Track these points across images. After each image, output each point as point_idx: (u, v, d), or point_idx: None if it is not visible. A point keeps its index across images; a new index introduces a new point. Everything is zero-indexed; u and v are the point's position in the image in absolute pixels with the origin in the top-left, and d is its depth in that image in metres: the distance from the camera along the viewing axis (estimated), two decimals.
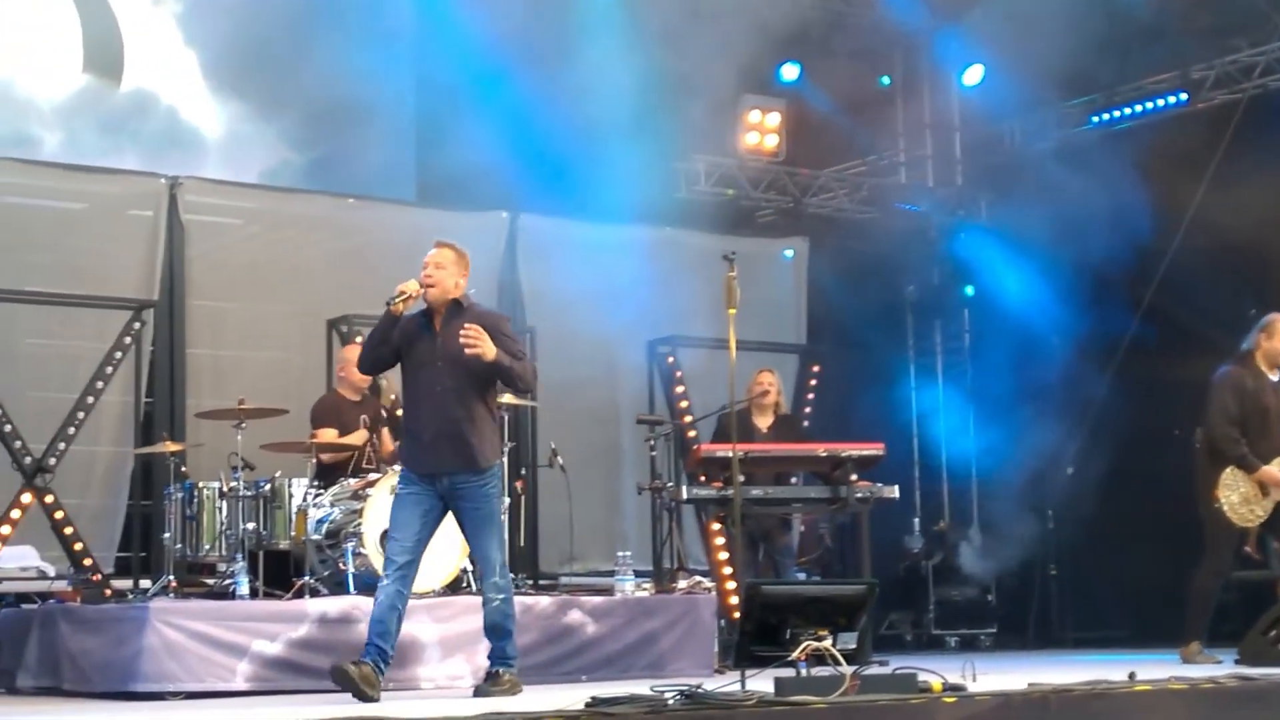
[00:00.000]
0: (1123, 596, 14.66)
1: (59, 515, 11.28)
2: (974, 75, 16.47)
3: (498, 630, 8.73)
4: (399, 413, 11.65)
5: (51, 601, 10.48)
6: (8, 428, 11.17)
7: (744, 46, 14.53)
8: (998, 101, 16.25)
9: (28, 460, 11.18)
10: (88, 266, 12.71)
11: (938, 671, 7.72)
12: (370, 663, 8.25)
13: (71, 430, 11.39)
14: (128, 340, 11.69)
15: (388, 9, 14.89)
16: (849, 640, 7.62)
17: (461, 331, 8.42)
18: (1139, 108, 15.65)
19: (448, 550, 10.35)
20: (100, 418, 12.10)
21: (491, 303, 14.26)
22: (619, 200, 13.83)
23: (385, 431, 11.51)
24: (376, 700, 8.07)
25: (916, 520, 16.52)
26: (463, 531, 8.85)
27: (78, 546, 11.25)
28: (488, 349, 8.42)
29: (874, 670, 7.70)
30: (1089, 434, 14.96)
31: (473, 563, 9.73)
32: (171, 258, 13.05)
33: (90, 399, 11.51)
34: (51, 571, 11.72)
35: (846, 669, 7.32)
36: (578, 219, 14.40)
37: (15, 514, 11.12)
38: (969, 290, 17.06)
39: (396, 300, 8.52)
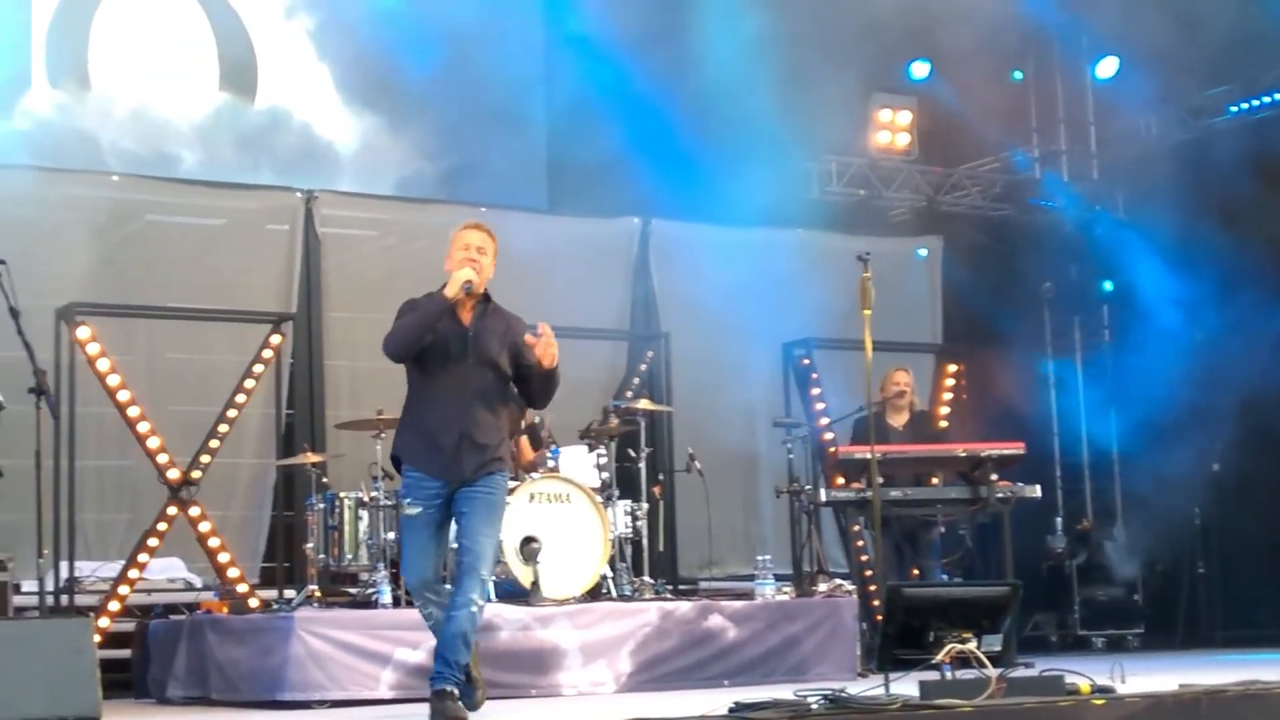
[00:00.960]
0: (1273, 594, 14.42)
1: (204, 527, 11.39)
2: (1107, 68, 16.26)
3: (465, 640, 7.76)
4: (536, 420, 11.69)
5: (199, 612, 10.60)
6: (153, 442, 11.30)
7: (873, 45, 14.45)
8: (1132, 93, 16.03)
9: (173, 473, 11.30)
10: (227, 281, 12.87)
11: (1085, 673, 7.63)
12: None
13: (214, 443, 11.49)
14: (267, 353, 11.78)
15: (517, 18, 14.94)
16: (994, 642, 7.56)
17: (542, 341, 7.85)
18: (1278, 95, 15.36)
19: (587, 557, 10.39)
20: (242, 430, 12.21)
21: (626, 309, 14.40)
22: (750, 203, 13.80)
23: (524, 441, 11.54)
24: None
25: (1059, 519, 16.31)
26: (458, 522, 7.93)
27: (223, 558, 11.36)
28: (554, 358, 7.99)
29: (1020, 672, 7.64)
30: (1235, 429, 14.70)
31: (457, 550, 8.00)
32: (308, 270, 13.19)
33: (232, 412, 11.61)
34: (198, 583, 11.90)
35: (992, 671, 7.26)
36: (709, 222, 14.39)
37: (162, 526, 11.24)
38: (1108, 285, 16.84)
39: (463, 289, 7.88)
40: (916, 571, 11.96)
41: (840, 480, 11.83)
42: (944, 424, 13.26)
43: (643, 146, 14.07)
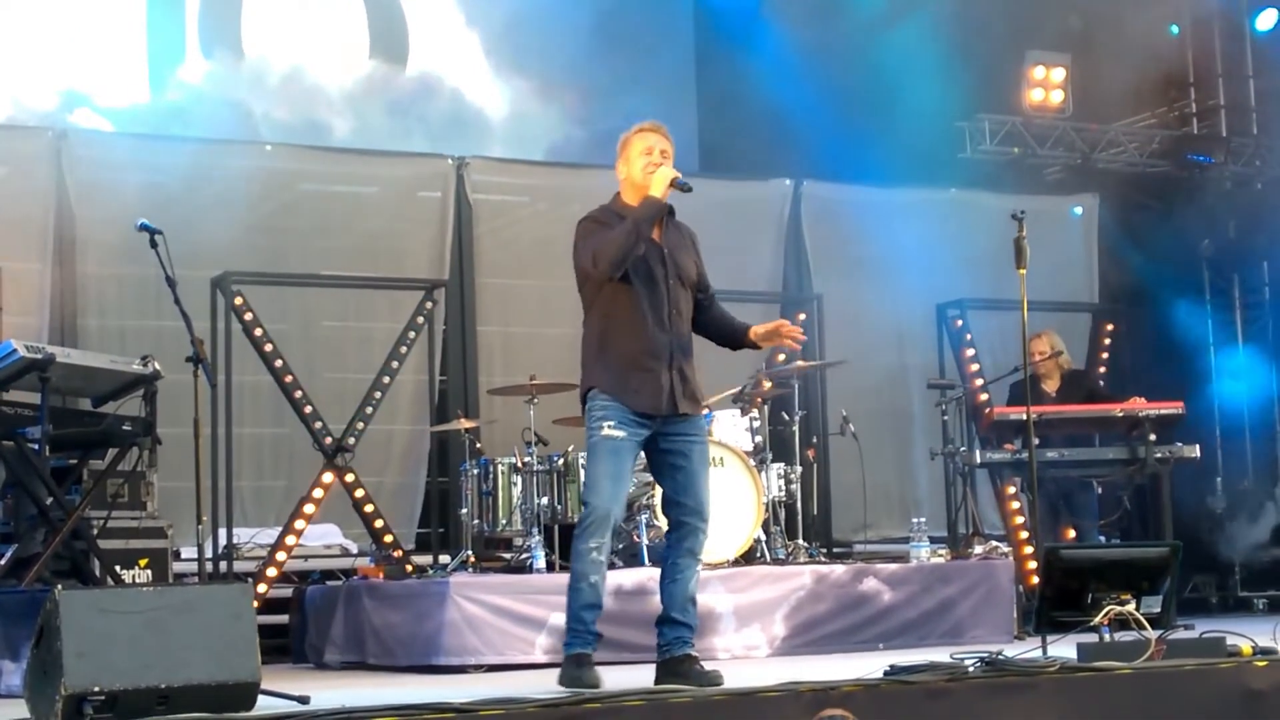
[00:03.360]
0: None
1: (359, 494, 11.48)
2: (1267, 20, 15.92)
3: (694, 601, 7.42)
4: None
5: (355, 578, 10.72)
6: (308, 409, 11.42)
7: (1026, 1, 14.25)
8: None
9: (328, 440, 11.41)
10: (379, 248, 12.98)
11: (1247, 635, 7.50)
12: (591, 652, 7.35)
13: (369, 410, 11.58)
14: (420, 320, 11.84)
15: None
16: (1153, 604, 7.46)
17: (791, 332, 7.65)
18: None
19: (740, 520, 10.37)
20: (396, 397, 12.31)
21: (778, 271, 14.33)
22: (903, 163, 13.69)
23: None
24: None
25: (1219, 480, 16.05)
26: (673, 474, 7.45)
27: (378, 524, 11.46)
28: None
29: (1180, 634, 7.52)
30: None
31: (674, 506, 7.52)
32: (460, 237, 13.26)
33: (386, 379, 11.68)
34: (354, 548, 12.02)
35: (1151, 633, 7.17)
36: (862, 183, 14.29)
37: (318, 493, 11.36)
38: (1267, 242, 16.49)
39: (677, 185, 7.39)
40: (1073, 533, 11.84)
41: (997, 441, 11.72)
42: (1101, 383, 13.07)
43: (793, 107, 13.99)
